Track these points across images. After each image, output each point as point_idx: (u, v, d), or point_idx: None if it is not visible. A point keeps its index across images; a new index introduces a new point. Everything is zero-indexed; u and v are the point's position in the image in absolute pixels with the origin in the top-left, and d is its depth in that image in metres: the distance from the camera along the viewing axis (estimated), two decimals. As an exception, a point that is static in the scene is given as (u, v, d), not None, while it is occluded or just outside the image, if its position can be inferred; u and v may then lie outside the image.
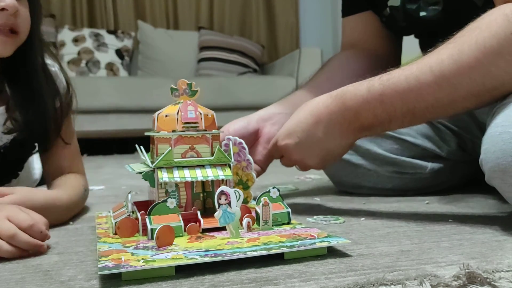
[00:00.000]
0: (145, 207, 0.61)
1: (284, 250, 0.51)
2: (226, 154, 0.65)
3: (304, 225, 0.63)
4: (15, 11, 0.72)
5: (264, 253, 0.50)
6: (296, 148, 0.72)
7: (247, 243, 0.53)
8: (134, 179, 1.31)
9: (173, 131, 0.63)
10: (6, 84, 0.81)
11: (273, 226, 0.61)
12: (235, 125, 0.83)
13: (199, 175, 0.62)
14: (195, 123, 0.64)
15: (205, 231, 0.60)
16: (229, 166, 0.65)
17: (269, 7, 3.63)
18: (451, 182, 0.97)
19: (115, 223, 0.59)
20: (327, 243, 0.53)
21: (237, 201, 0.57)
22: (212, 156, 0.64)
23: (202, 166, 0.63)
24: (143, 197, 0.86)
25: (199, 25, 3.42)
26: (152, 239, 0.55)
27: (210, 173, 0.63)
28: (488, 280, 0.42)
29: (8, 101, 0.80)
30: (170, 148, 0.62)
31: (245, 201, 0.69)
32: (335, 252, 0.54)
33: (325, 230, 0.62)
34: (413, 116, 0.65)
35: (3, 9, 0.70)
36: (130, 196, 0.65)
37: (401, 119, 0.66)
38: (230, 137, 0.72)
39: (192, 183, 0.64)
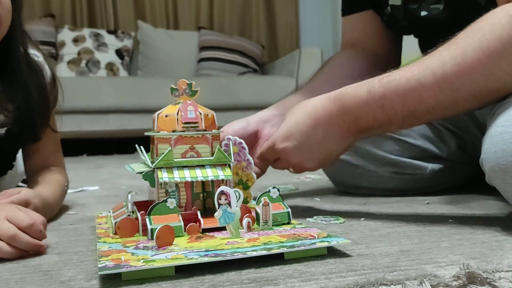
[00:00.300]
0: (145, 207, 0.61)
1: (284, 250, 0.51)
2: (226, 154, 0.65)
3: (304, 225, 0.63)
4: None
5: (264, 253, 0.50)
6: (294, 151, 0.71)
7: (247, 243, 0.53)
8: (134, 179, 1.31)
9: (173, 131, 0.63)
10: None
11: (273, 226, 0.61)
12: (234, 126, 0.82)
13: (199, 175, 0.62)
14: (195, 123, 0.64)
15: (205, 231, 0.60)
16: (229, 166, 0.65)
17: (269, 7, 3.63)
18: (451, 182, 0.97)
19: (115, 223, 0.59)
20: (327, 243, 0.53)
21: (237, 201, 0.57)
22: (212, 156, 0.64)
23: (202, 166, 0.63)
24: (143, 197, 0.86)
25: (199, 25, 3.42)
26: (152, 239, 0.55)
27: (210, 173, 0.63)
28: (488, 280, 0.42)
29: None
30: (170, 148, 0.62)
31: (245, 201, 0.69)
32: (335, 252, 0.54)
33: (325, 230, 0.62)
34: (413, 118, 0.64)
35: None
36: (130, 196, 0.65)
37: (402, 121, 0.65)
38: (230, 137, 0.72)
39: (192, 183, 0.64)
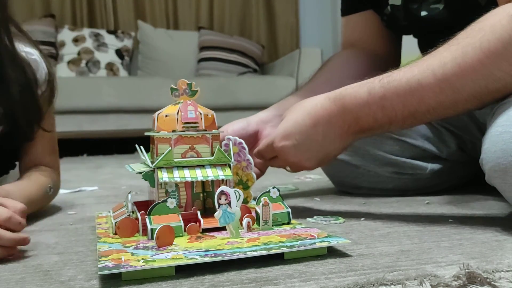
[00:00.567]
0: (145, 207, 0.61)
1: (284, 250, 0.51)
2: (226, 154, 0.65)
3: (304, 225, 0.63)
4: None
5: (264, 253, 0.50)
6: (293, 150, 0.71)
7: (247, 243, 0.53)
8: (134, 179, 1.31)
9: (173, 131, 0.63)
10: None
11: (273, 226, 0.61)
12: (234, 126, 0.82)
13: (199, 175, 0.62)
14: (195, 123, 0.64)
15: (205, 231, 0.60)
16: (229, 166, 0.65)
17: (269, 7, 3.63)
18: (451, 182, 0.97)
19: (115, 223, 0.59)
20: (327, 243, 0.53)
21: (237, 201, 0.57)
22: (212, 156, 0.64)
23: (202, 166, 0.63)
24: (143, 197, 0.86)
25: (199, 25, 3.42)
26: (152, 239, 0.55)
27: (210, 173, 0.63)
28: (488, 280, 0.42)
29: None
30: (170, 148, 0.62)
31: (245, 201, 0.69)
32: (335, 252, 0.54)
33: (325, 230, 0.62)
34: (413, 118, 0.65)
35: None
36: (130, 196, 0.65)
37: (402, 121, 0.65)
38: (230, 137, 0.72)
39: (192, 183, 0.64)
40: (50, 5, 3.21)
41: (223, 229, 0.59)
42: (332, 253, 0.53)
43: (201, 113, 0.64)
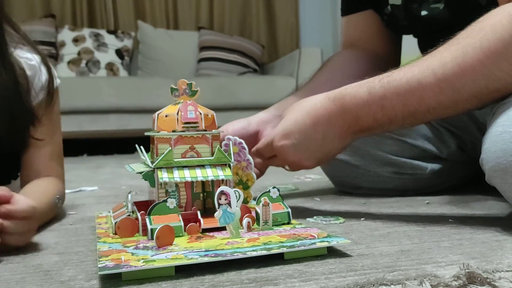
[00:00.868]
0: (145, 207, 0.61)
1: (284, 250, 0.51)
2: (226, 154, 0.65)
3: (304, 225, 0.63)
4: None
5: (264, 253, 0.50)
6: (293, 149, 0.71)
7: (247, 243, 0.53)
8: (134, 179, 1.31)
9: (173, 131, 0.63)
10: None
11: (273, 226, 0.61)
12: (235, 126, 0.82)
13: (199, 175, 0.62)
14: (195, 123, 0.64)
15: (205, 231, 0.60)
16: (229, 166, 0.65)
17: (269, 7, 3.63)
18: (451, 182, 0.97)
19: (115, 223, 0.59)
20: (327, 243, 0.53)
21: (237, 201, 0.57)
22: (212, 156, 0.64)
23: (202, 166, 0.63)
24: (143, 197, 0.86)
25: (199, 25, 3.42)
26: (152, 239, 0.55)
27: (210, 173, 0.63)
28: (488, 280, 0.42)
29: None
30: (170, 148, 0.62)
31: (245, 201, 0.69)
32: (335, 252, 0.54)
33: (325, 230, 0.62)
34: (413, 118, 0.65)
35: None
36: (130, 196, 0.65)
37: (402, 121, 0.65)
38: (230, 137, 0.72)
39: (192, 183, 0.64)
40: (50, 5, 3.21)
41: (223, 229, 0.59)
42: (332, 253, 0.53)
43: (201, 113, 0.64)
